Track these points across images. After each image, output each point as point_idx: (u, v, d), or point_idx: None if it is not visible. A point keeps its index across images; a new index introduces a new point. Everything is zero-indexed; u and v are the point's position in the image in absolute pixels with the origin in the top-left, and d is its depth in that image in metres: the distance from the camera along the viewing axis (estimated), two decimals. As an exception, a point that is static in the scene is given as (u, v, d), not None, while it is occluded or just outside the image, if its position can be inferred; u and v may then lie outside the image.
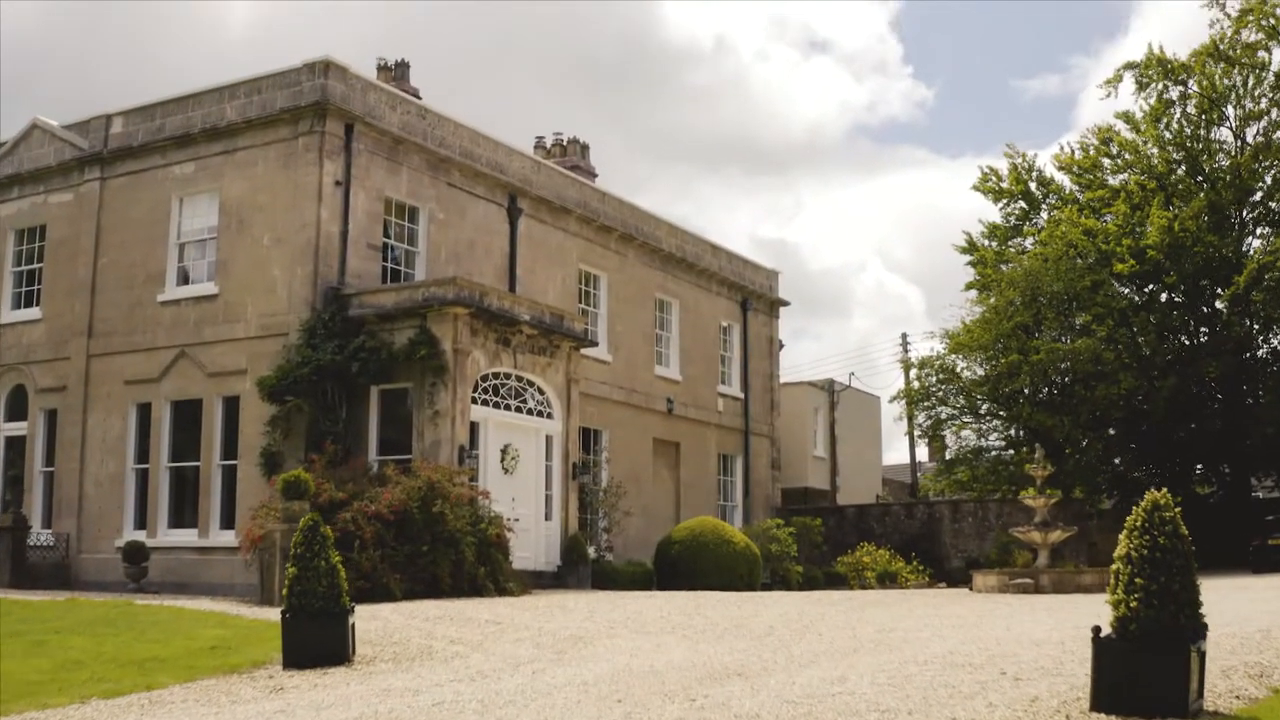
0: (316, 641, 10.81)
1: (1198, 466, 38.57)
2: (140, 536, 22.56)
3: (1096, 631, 7.24)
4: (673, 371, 31.90)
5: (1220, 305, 36.97)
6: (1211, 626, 7.59)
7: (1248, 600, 16.50)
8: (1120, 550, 7.29)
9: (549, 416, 23.73)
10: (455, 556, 18.53)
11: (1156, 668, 7.05)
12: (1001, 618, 14.74)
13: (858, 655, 10.67)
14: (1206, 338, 37.20)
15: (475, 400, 21.73)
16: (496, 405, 22.40)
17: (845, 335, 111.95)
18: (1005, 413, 37.82)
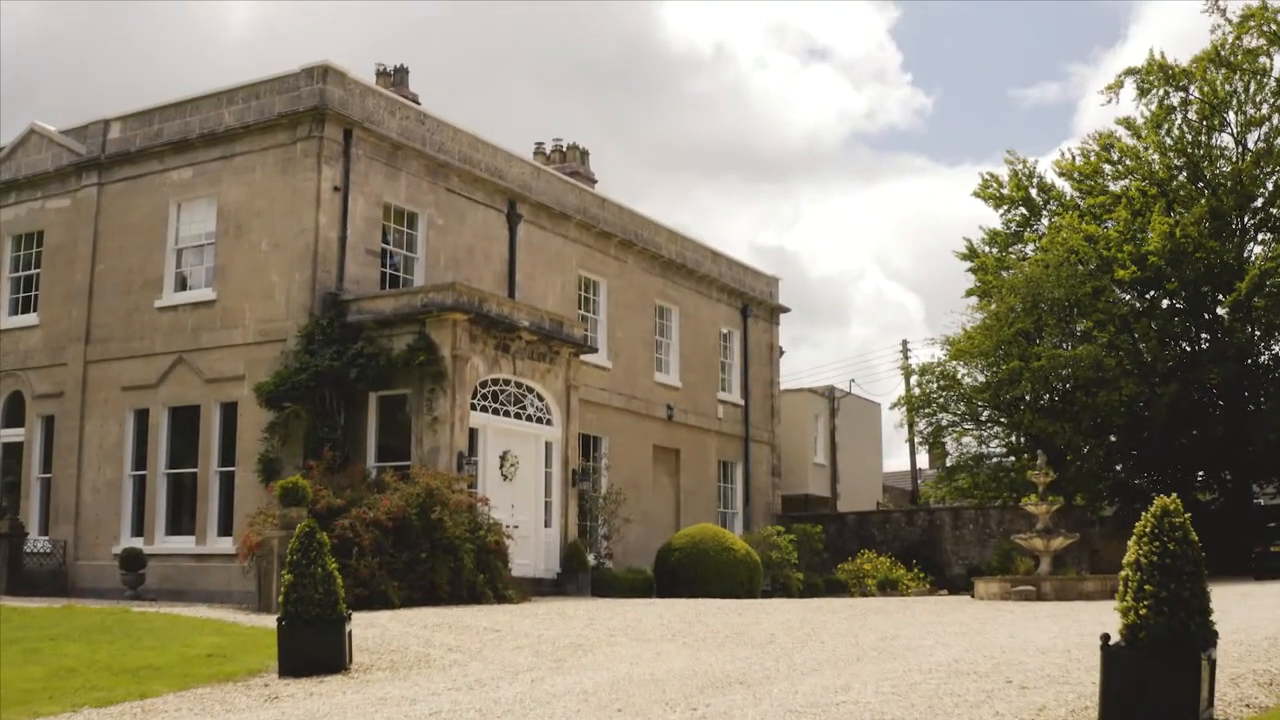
0: (313, 649, 10.70)
1: (1199, 473, 38.41)
2: (137, 543, 22.46)
3: (1105, 639, 7.11)
4: (673, 378, 31.79)
5: (1222, 311, 36.85)
6: (1218, 634, 7.46)
7: (1252, 607, 16.35)
8: (1129, 556, 7.16)
9: (548, 423, 23.61)
10: (454, 564, 18.45)
11: (1167, 676, 6.92)
12: (1005, 625, 14.61)
13: (861, 663, 10.54)
14: (1208, 344, 37.09)
15: (474, 406, 21.61)
16: (496, 412, 22.29)
17: (844, 343, 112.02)
18: (1006, 419, 37.69)
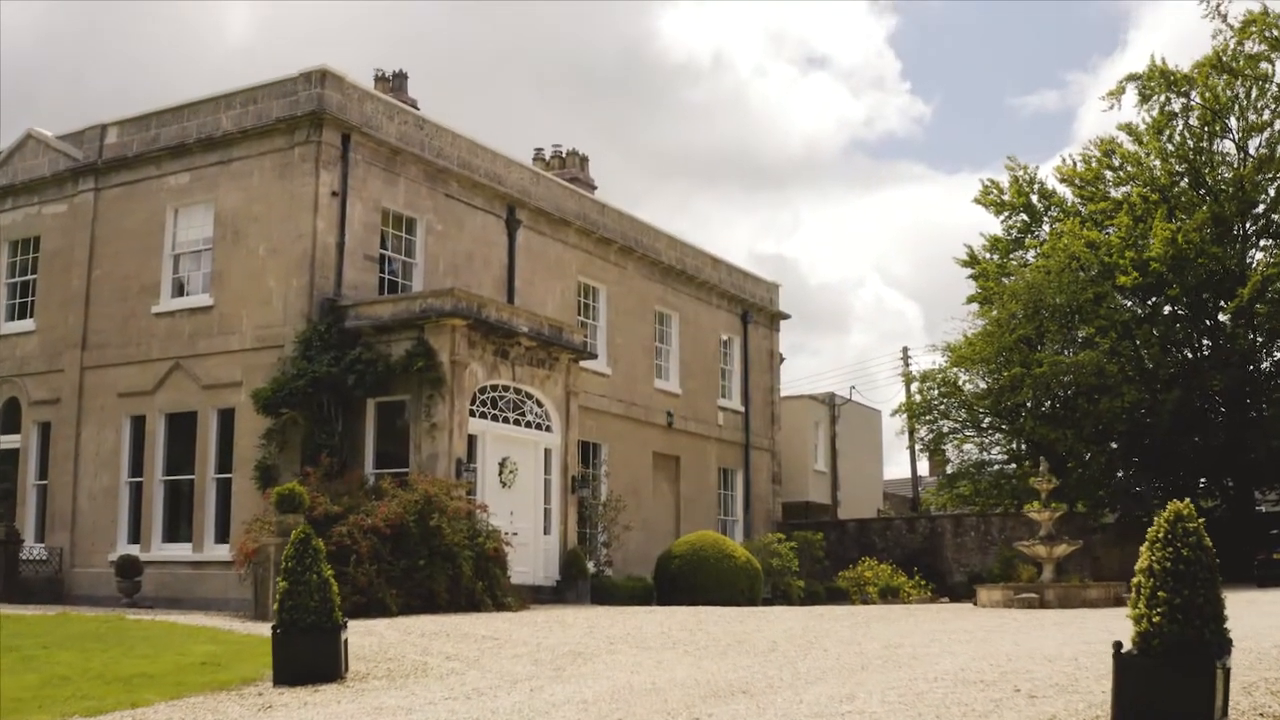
0: (308, 658, 10.53)
1: (1201, 480, 38.25)
2: (134, 550, 22.29)
3: (1118, 647, 6.95)
4: (673, 385, 31.63)
5: (1224, 318, 36.74)
6: (1232, 641, 7.30)
7: (1259, 614, 16.20)
8: (1142, 563, 6.99)
9: (548, 429, 23.45)
10: (452, 571, 18.28)
11: (1180, 685, 6.76)
12: (1010, 633, 14.45)
13: (866, 672, 10.38)
14: (1210, 351, 36.98)
15: (473, 413, 21.45)
16: (495, 418, 22.13)
17: (843, 350, 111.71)
18: (1007, 426, 37.56)
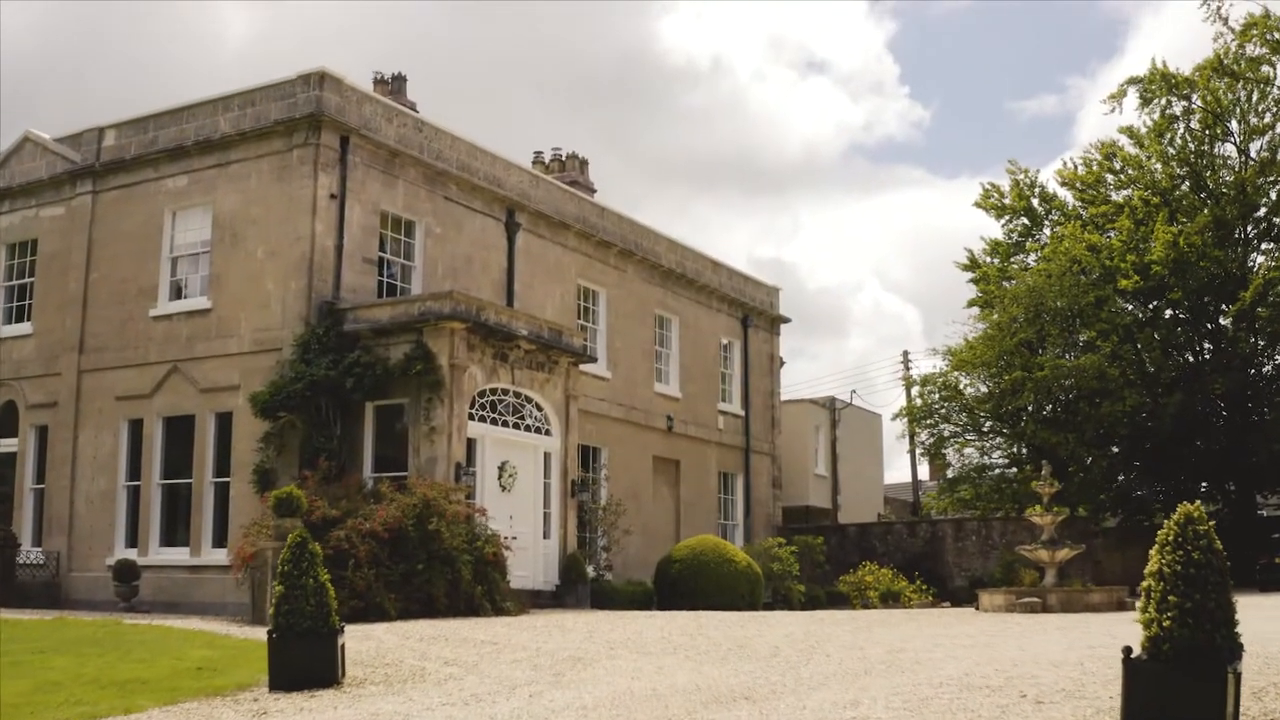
0: (304, 662, 10.40)
1: (1202, 484, 38.14)
2: (131, 555, 22.17)
3: (1128, 652, 6.83)
4: (673, 388, 31.52)
5: (1225, 321, 36.66)
6: (1243, 646, 7.18)
7: (1264, 619, 16.07)
8: (1152, 566, 6.88)
9: (547, 433, 23.34)
10: (451, 575, 18.16)
11: (1192, 690, 6.64)
12: (1013, 638, 14.32)
13: (869, 677, 10.26)
14: (1211, 354, 36.89)
15: (472, 416, 21.33)
16: (494, 421, 22.01)
17: (842, 355, 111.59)
18: (1008, 430, 37.47)
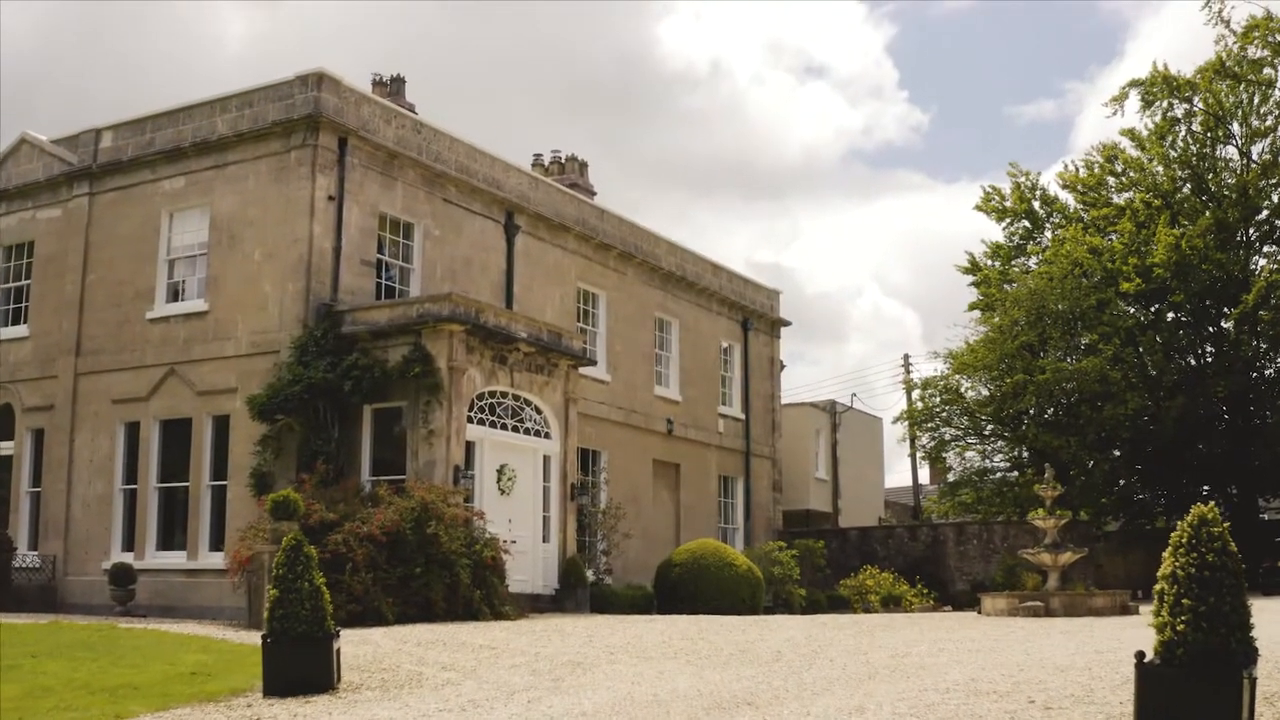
0: (299, 668, 10.25)
1: (1205, 488, 37.98)
2: (128, 558, 21.99)
3: (1140, 657, 6.68)
4: (673, 392, 31.37)
5: (1227, 325, 36.51)
6: (1259, 651, 7.03)
7: (1271, 622, 15.89)
8: (1165, 569, 6.73)
9: (546, 436, 23.19)
10: (449, 579, 18.02)
11: (1206, 695, 6.50)
12: (1018, 642, 14.17)
13: (873, 682, 10.11)
14: (1213, 357, 36.75)
15: (471, 419, 21.19)
16: (493, 424, 21.86)
17: (842, 359, 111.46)
18: (1010, 434, 37.32)
